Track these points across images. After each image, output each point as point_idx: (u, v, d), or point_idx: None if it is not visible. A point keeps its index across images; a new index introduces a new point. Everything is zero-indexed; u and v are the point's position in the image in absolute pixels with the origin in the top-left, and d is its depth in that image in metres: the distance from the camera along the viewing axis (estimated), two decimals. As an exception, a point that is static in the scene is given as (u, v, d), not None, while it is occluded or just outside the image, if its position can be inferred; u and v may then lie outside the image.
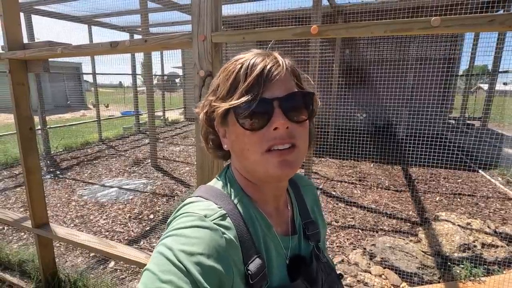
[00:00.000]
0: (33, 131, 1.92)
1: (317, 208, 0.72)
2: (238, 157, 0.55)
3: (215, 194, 0.55)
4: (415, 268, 2.28)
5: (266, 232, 0.56)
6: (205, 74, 1.18)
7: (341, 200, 3.79)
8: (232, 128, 0.53)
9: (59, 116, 11.50)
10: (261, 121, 0.49)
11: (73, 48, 1.52)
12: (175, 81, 16.51)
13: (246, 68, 0.50)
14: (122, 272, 2.39)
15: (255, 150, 0.50)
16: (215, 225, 0.47)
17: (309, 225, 0.64)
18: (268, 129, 0.49)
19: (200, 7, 1.14)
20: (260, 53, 0.52)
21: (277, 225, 0.59)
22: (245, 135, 0.50)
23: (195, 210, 0.50)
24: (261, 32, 1.12)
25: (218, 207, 0.51)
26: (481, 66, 11.54)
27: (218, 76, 0.55)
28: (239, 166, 0.58)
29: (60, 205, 3.69)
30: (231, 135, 0.54)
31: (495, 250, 2.46)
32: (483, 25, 0.86)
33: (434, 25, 0.90)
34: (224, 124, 0.55)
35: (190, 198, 0.55)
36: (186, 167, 5.26)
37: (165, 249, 0.44)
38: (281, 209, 0.63)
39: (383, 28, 0.97)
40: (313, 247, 0.63)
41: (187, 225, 0.47)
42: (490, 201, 3.72)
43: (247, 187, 0.58)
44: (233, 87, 0.51)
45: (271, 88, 0.49)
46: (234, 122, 0.51)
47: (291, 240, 0.60)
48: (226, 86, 0.51)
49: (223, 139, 0.58)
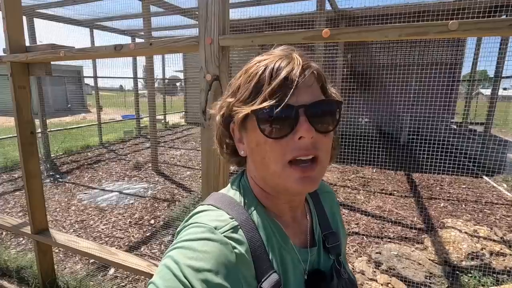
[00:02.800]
0: (34, 135, 1.88)
1: (338, 217, 0.67)
2: (256, 165, 0.52)
3: (227, 203, 0.51)
4: (423, 277, 2.22)
5: (283, 244, 0.52)
6: (212, 78, 1.15)
7: (344, 206, 3.74)
8: (251, 134, 0.49)
9: (60, 119, 11.48)
10: (285, 129, 0.45)
11: (76, 51, 1.50)
12: (176, 84, 16.53)
13: (271, 71, 0.46)
14: (122, 279, 2.34)
15: (276, 160, 0.47)
16: (225, 238, 0.44)
17: (329, 236, 0.60)
18: (292, 138, 0.46)
19: (208, 10, 1.11)
20: (285, 54, 0.49)
21: (294, 237, 0.55)
22: (266, 143, 0.47)
23: (205, 220, 0.47)
24: (270, 35, 1.09)
25: (230, 218, 0.48)
26: (481, 71, 11.55)
27: (238, 77, 0.52)
28: (255, 175, 0.54)
29: (59, 209, 3.64)
30: (250, 141, 0.50)
31: (504, 259, 2.41)
32: (503, 29, 0.83)
33: (451, 29, 0.87)
34: (242, 129, 0.52)
35: (201, 206, 0.52)
36: (187, 171, 5.22)
37: (171, 262, 0.42)
38: (299, 219, 0.58)
39: (397, 32, 0.94)
40: (334, 261, 0.58)
41: (195, 237, 0.44)
42: (495, 207, 3.67)
43: (262, 197, 0.54)
44: (255, 90, 0.47)
45: (296, 93, 0.45)
46: (255, 128, 0.48)
47: (309, 253, 0.56)
48: (248, 88, 0.48)
49: (238, 144, 0.54)
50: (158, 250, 2.74)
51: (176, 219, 3.29)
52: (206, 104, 1.18)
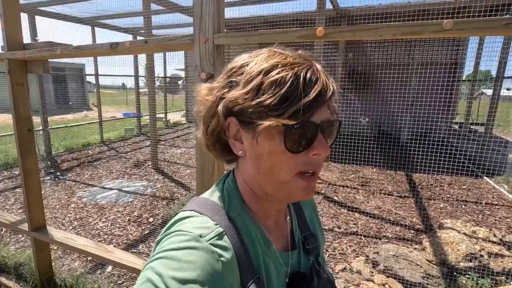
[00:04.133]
0: (31, 133, 1.89)
1: (315, 219, 0.69)
2: (260, 172, 0.49)
3: (211, 208, 0.50)
4: (420, 278, 2.22)
5: (265, 249, 0.52)
6: (206, 76, 1.14)
7: (343, 205, 3.73)
8: (265, 141, 0.46)
9: (61, 117, 11.52)
10: (305, 144, 0.45)
11: (73, 49, 1.50)
12: (177, 83, 16.54)
13: (303, 82, 0.43)
14: (119, 277, 2.35)
15: (288, 172, 0.46)
16: (211, 246, 0.43)
17: (308, 238, 0.61)
18: (308, 152, 0.46)
19: (202, 9, 1.10)
20: (305, 61, 0.46)
21: (276, 240, 0.56)
22: (283, 155, 0.45)
23: (189, 228, 0.45)
24: (265, 34, 1.08)
25: (214, 224, 0.47)
26: (484, 72, 11.48)
27: (254, 74, 0.45)
28: (251, 178, 0.51)
29: (59, 207, 3.65)
30: (260, 147, 0.47)
31: (502, 260, 2.40)
32: (499, 28, 0.82)
33: (446, 28, 0.86)
34: (246, 128, 0.47)
35: (184, 212, 0.50)
36: (187, 169, 5.23)
37: (153, 274, 0.39)
38: (281, 222, 0.59)
39: (392, 31, 0.93)
40: (313, 262, 0.60)
41: (179, 246, 0.42)
42: (495, 208, 3.65)
43: (251, 200, 0.53)
44: (284, 100, 0.43)
45: (319, 111, 0.45)
46: (273, 137, 0.45)
47: (290, 256, 0.57)
48: (276, 95, 0.43)
49: (234, 142, 0.50)
50: (156, 248, 2.75)
51: (174, 217, 3.30)
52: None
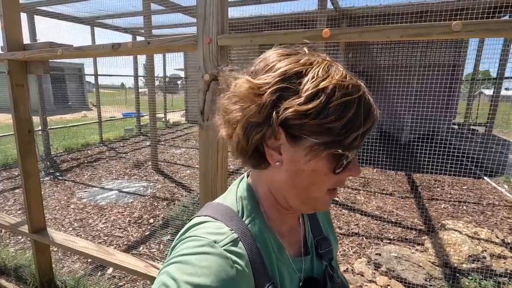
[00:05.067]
0: (31, 134, 1.87)
1: (328, 223, 0.68)
2: (295, 186, 0.48)
3: (225, 213, 0.50)
4: (423, 280, 2.21)
5: (279, 256, 0.51)
6: (210, 78, 1.13)
7: (344, 206, 3.72)
8: (312, 160, 0.44)
9: (60, 117, 11.48)
10: (342, 166, 0.46)
11: (74, 50, 1.48)
12: (177, 83, 16.51)
13: (364, 108, 0.43)
14: (120, 279, 2.33)
15: (323, 189, 0.48)
16: (225, 253, 0.43)
17: (321, 242, 0.61)
18: (343, 173, 0.47)
19: (206, 10, 1.09)
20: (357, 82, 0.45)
21: (289, 246, 0.55)
22: (326, 175, 0.46)
23: (203, 233, 0.45)
24: (269, 35, 1.07)
25: (229, 230, 0.46)
26: (483, 72, 11.48)
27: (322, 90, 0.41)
28: (280, 189, 0.50)
29: (59, 208, 3.63)
30: (303, 164, 0.45)
31: (505, 261, 2.39)
32: (508, 30, 0.81)
33: (455, 30, 0.84)
34: (295, 144, 0.44)
35: (198, 218, 0.50)
36: (187, 170, 5.21)
37: (168, 279, 0.40)
38: (295, 227, 0.59)
39: (400, 32, 0.92)
40: (327, 266, 0.59)
41: (194, 251, 0.42)
42: (496, 209, 3.64)
43: (271, 207, 0.53)
44: (349, 124, 0.42)
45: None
46: (321, 158, 0.44)
47: (303, 262, 0.56)
48: (343, 120, 0.41)
49: (272, 152, 0.46)
50: (157, 249, 2.73)
51: (175, 218, 3.28)
52: (204, 104, 1.16)
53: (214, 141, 1.15)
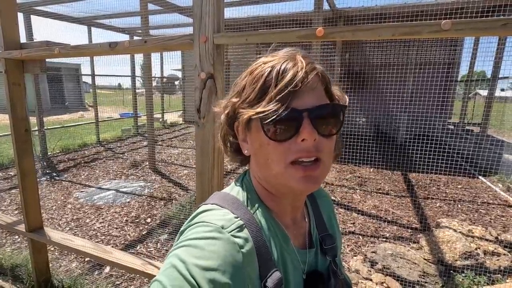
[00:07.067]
0: (28, 133, 1.87)
1: (334, 221, 0.69)
2: (260, 166, 0.52)
3: (231, 202, 0.52)
4: (417, 276, 2.23)
5: (284, 245, 0.53)
6: (206, 76, 1.15)
7: (340, 205, 3.75)
8: (255, 135, 0.50)
9: (57, 117, 11.43)
10: (288, 132, 0.46)
11: (71, 49, 1.49)
12: (174, 83, 16.49)
13: (276, 73, 0.46)
14: (117, 278, 2.33)
15: (279, 162, 0.47)
16: (232, 238, 0.45)
17: (326, 238, 0.62)
18: (294, 140, 0.46)
19: (202, 9, 1.10)
20: (289, 56, 0.49)
21: (294, 238, 0.56)
22: (269, 145, 0.47)
23: (211, 219, 0.47)
24: (264, 34, 1.08)
25: (235, 217, 0.48)
26: (479, 72, 11.59)
27: (243, 77, 0.52)
28: (259, 175, 0.54)
29: (55, 207, 3.62)
30: (254, 142, 0.51)
31: (498, 258, 2.42)
32: (496, 29, 0.83)
33: (444, 29, 0.87)
34: (246, 129, 0.52)
35: (205, 206, 0.52)
36: (184, 170, 5.21)
37: (177, 261, 0.41)
38: (299, 221, 0.60)
39: (391, 31, 0.94)
40: (330, 262, 0.60)
41: (202, 236, 0.44)
42: (491, 207, 3.69)
43: (265, 197, 0.55)
44: (261, 92, 0.47)
45: (301, 97, 0.46)
46: (259, 129, 0.48)
47: (308, 254, 0.57)
48: (254, 90, 0.48)
49: (242, 143, 0.55)
50: (154, 248, 2.74)
51: (172, 217, 3.29)
52: (200, 102, 1.18)
53: (210, 140, 1.17)
